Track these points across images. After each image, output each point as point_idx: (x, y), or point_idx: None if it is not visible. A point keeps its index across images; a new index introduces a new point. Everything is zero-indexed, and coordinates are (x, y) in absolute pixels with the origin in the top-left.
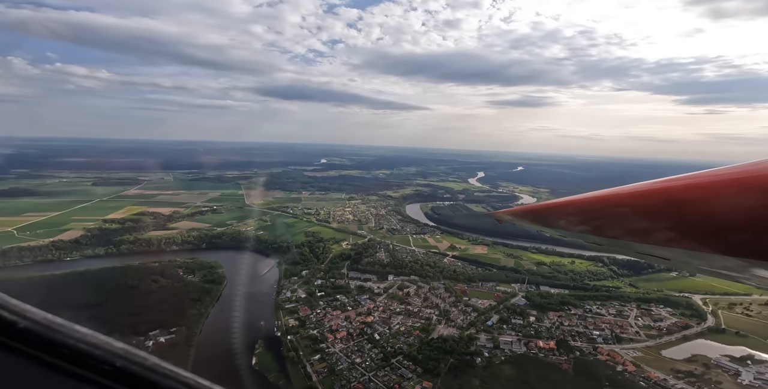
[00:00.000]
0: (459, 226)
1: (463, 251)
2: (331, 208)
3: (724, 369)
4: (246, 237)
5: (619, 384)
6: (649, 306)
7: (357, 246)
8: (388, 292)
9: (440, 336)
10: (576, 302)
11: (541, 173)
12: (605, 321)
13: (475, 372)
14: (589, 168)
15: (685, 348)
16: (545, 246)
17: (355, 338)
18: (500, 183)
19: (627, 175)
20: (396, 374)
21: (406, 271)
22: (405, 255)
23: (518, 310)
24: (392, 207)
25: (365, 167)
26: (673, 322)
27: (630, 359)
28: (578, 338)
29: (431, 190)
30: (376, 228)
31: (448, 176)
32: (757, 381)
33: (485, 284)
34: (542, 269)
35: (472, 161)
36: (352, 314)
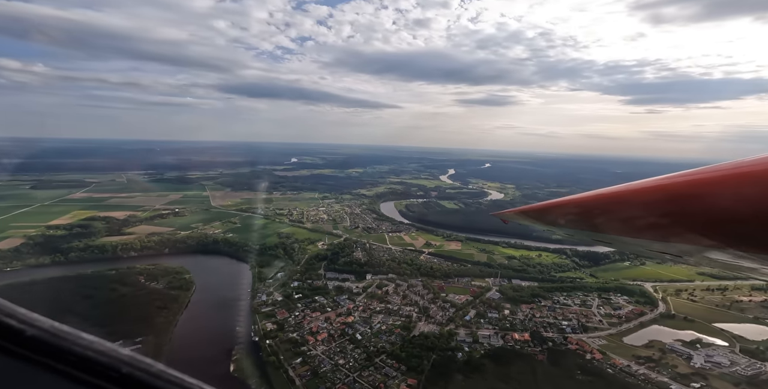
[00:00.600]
0: (433, 223)
1: (439, 247)
2: (304, 208)
3: (678, 354)
4: (214, 240)
5: (590, 372)
6: (608, 294)
7: (333, 246)
8: (367, 291)
9: (421, 333)
10: (545, 294)
11: (506, 169)
12: (572, 311)
13: (457, 367)
14: (549, 165)
15: (643, 334)
16: (514, 240)
17: (336, 339)
18: (470, 180)
19: (581, 171)
20: (380, 373)
21: (384, 269)
22: (382, 254)
23: (493, 304)
24: (367, 206)
25: (338, 166)
26: (630, 310)
27: (596, 347)
28: (549, 329)
29: (404, 188)
30: (351, 227)
31: (421, 173)
32: (707, 364)
33: (461, 279)
34: (513, 262)
35: (442, 158)
36: (332, 315)
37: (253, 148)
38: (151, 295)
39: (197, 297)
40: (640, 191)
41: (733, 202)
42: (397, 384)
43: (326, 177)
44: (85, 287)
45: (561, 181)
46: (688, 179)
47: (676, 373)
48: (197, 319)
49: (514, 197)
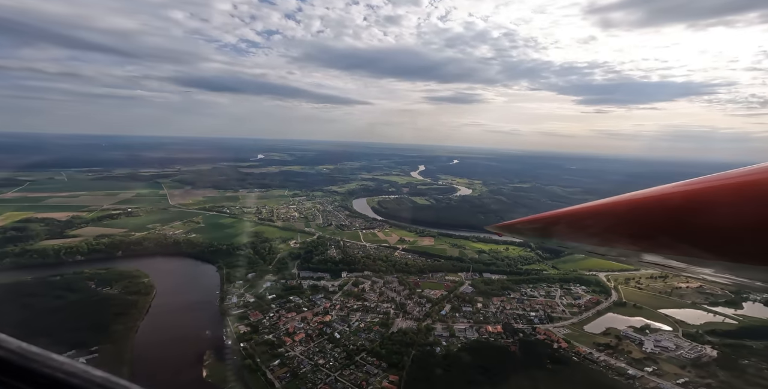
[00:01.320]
0: (406, 219)
1: (412, 243)
2: (274, 206)
3: (631, 340)
4: (175, 241)
5: (558, 361)
6: (568, 285)
7: (306, 244)
8: (343, 289)
9: (400, 329)
10: (514, 286)
11: (473, 165)
12: (538, 302)
13: (437, 361)
14: (512, 161)
15: (600, 322)
16: (483, 235)
17: (315, 339)
18: (440, 176)
19: (540, 167)
20: (361, 371)
21: (359, 267)
22: (357, 251)
23: (467, 298)
24: (339, 203)
25: (308, 163)
26: (588, 299)
27: (562, 336)
28: (519, 320)
29: (376, 184)
30: (324, 225)
31: (392, 170)
32: (656, 349)
33: (435, 274)
34: (483, 257)
35: (413, 154)
36: (309, 314)
37: (215, 144)
38: (106, 301)
39: (159, 301)
40: (630, 203)
41: (730, 215)
42: (378, 381)
43: (296, 174)
44: (25, 295)
45: (523, 177)
46: (686, 189)
47: (631, 359)
48: (161, 325)
49: (481, 192)
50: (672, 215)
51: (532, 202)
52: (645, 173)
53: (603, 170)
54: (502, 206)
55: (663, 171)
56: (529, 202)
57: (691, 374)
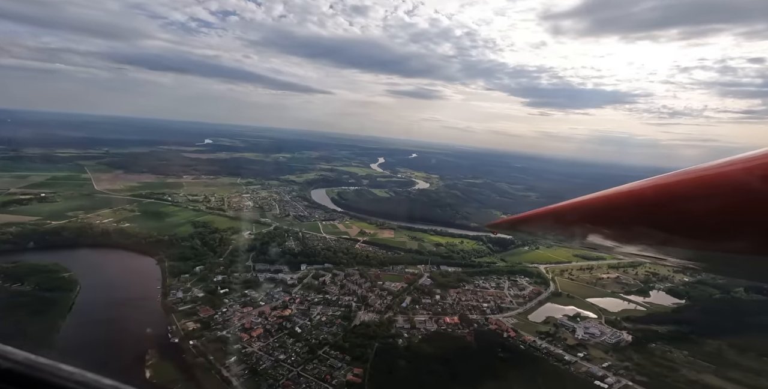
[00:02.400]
0: (366, 211)
1: (373, 236)
2: (225, 194)
3: (566, 328)
4: (104, 231)
5: (508, 350)
6: (515, 277)
7: (262, 236)
8: (303, 282)
9: (362, 322)
10: (468, 278)
11: (431, 160)
12: (490, 293)
13: (399, 353)
14: (466, 157)
15: (541, 311)
16: (439, 228)
17: (274, 334)
18: (399, 169)
19: (491, 164)
20: (325, 365)
21: (319, 259)
22: (316, 243)
23: (426, 290)
24: (297, 193)
25: (263, 150)
26: (531, 290)
27: (510, 326)
28: (473, 311)
29: (336, 175)
30: (281, 215)
31: (351, 161)
32: (586, 335)
33: (396, 267)
34: (440, 249)
35: (372, 146)
36: (267, 309)
37: (153, 125)
38: (17, 299)
39: (85, 298)
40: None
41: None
42: (343, 374)
43: (250, 161)
44: None
45: (475, 172)
46: (682, 178)
47: (567, 345)
48: (90, 324)
49: (438, 186)
50: (669, 206)
51: (484, 197)
52: (576, 173)
53: (543, 169)
54: (456, 201)
55: (589, 173)
56: (481, 197)
57: (612, 358)
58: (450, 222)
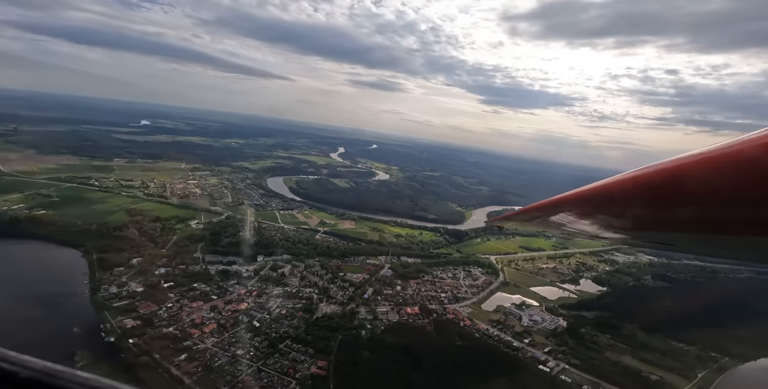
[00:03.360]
0: (326, 201)
1: (333, 226)
2: (166, 180)
3: (514, 315)
4: (12, 219)
5: (465, 338)
6: (469, 267)
7: (212, 225)
8: (261, 274)
9: (324, 314)
10: (427, 269)
11: (391, 151)
12: (447, 284)
13: (363, 344)
14: (425, 150)
15: (492, 300)
16: (399, 220)
17: (229, 329)
18: (359, 159)
19: (447, 158)
20: (287, 359)
21: (278, 250)
22: (274, 233)
23: (387, 281)
24: (252, 180)
25: (212, 135)
26: (483, 280)
27: (466, 315)
28: (432, 301)
29: (294, 163)
30: (234, 204)
31: (311, 149)
32: (530, 322)
33: (357, 258)
34: (400, 240)
35: (332, 136)
36: (220, 303)
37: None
38: None
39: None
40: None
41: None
42: (306, 367)
43: (196, 146)
44: None
45: (433, 165)
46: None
47: (515, 332)
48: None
49: (398, 178)
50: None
51: (441, 190)
52: (522, 169)
53: (493, 164)
54: (416, 193)
55: (533, 170)
56: (438, 190)
57: (552, 343)
58: (409, 214)
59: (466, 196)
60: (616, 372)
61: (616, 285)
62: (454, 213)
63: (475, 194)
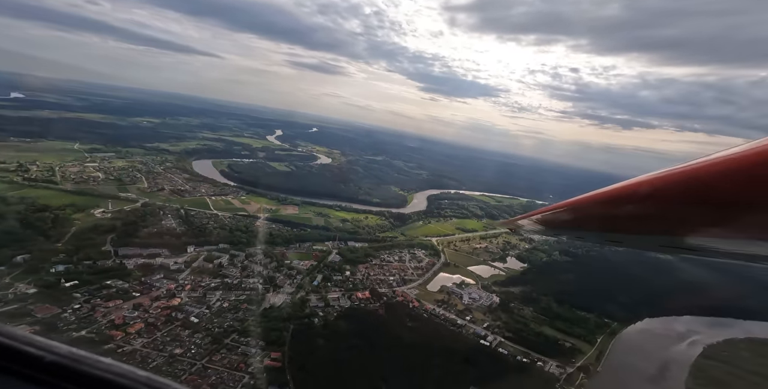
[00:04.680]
0: (265, 185)
1: (275, 212)
2: (55, 162)
3: (456, 295)
4: None
5: (415, 319)
6: (414, 250)
7: (125, 214)
8: (193, 267)
9: (273, 304)
10: (374, 253)
11: (332, 135)
12: (394, 267)
13: (317, 332)
14: (366, 134)
15: (436, 281)
16: (344, 204)
17: (161, 327)
18: (299, 142)
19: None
20: (236, 353)
21: (212, 240)
22: (206, 221)
23: (336, 266)
24: (173, 163)
25: (114, 112)
26: (427, 262)
27: (414, 296)
28: (382, 285)
29: (225, 145)
30: (152, 190)
31: (244, 131)
32: (470, 300)
33: (302, 244)
34: (347, 225)
35: (268, 117)
36: (145, 300)
37: None
38: None
39: None
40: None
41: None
42: (259, 360)
43: (94, 124)
44: None
45: (375, 150)
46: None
47: (458, 311)
48: None
49: (340, 162)
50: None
51: (383, 174)
52: (456, 155)
53: (431, 150)
54: (359, 177)
55: (466, 156)
56: (381, 174)
57: (489, 318)
58: (354, 198)
59: (407, 180)
60: (539, 342)
61: (534, 261)
62: (397, 197)
63: (416, 178)
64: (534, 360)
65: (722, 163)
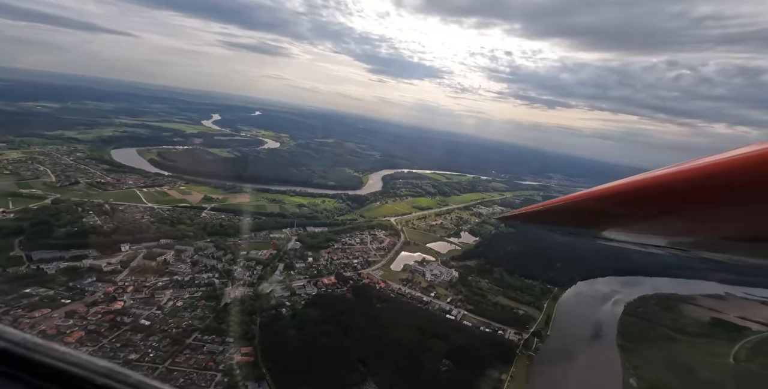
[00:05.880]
0: (207, 174)
1: (222, 202)
2: None
3: (419, 272)
4: None
5: (383, 300)
6: (374, 231)
7: (32, 213)
8: (132, 266)
9: (234, 298)
10: (335, 237)
11: (278, 118)
12: (357, 249)
13: (287, 322)
14: (314, 117)
15: (399, 260)
16: (299, 189)
17: (106, 334)
18: (241, 127)
19: (338, 125)
20: (202, 353)
21: (150, 236)
22: (140, 216)
23: (297, 254)
24: (86, 153)
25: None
26: (388, 242)
27: (379, 278)
28: (346, 268)
29: (151, 132)
30: (61, 184)
31: (173, 116)
32: (432, 277)
33: (258, 233)
34: (303, 210)
35: (202, 101)
36: (79, 307)
37: None
38: None
39: None
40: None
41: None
42: (229, 357)
43: None
44: None
45: (325, 132)
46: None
47: (422, 288)
48: None
49: (290, 146)
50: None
51: (337, 156)
52: (405, 135)
53: (381, 130)
54: (311, 160)
55: (414, 135)
56: (334, 156)
57: (451, 293)
58: (309, 182)
59: (360, 161)
60: (496, 312)
61: (485, 235)
62: (352, 179)
63: (369, 159)
64: (495, 329)
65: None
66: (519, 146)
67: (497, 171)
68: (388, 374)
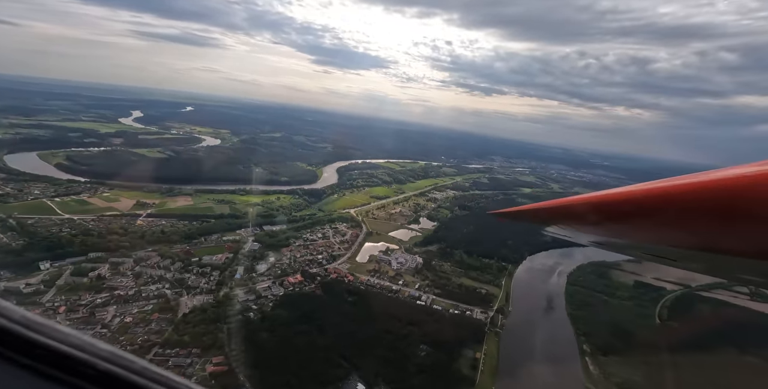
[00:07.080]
0: (135, 177)
1: (160, 206)
2: None
3: (384, 262)
4: None
5: (353, 293)
6: (335, 224)
7: None
8: (58, 284)
9: (193, 307)
10: (296, 234)
11: (215, 113)
12: (320, 244)
13: (257, 326)
14: (257, 111)
15: (364, 252)
16: (249, 187)
17: None
18: (171, 124)
19: (284, 118)
20: (167, 367)
21: (75, 250)
22: (56, 229)
23: (257, 255)
24: None
25: None
26: (351, 234)
27: (347, 271)
28: (312, 265)
29: (52, 133)
30: None
31: (79, 114)
32: (398, 265)
33: (209, 238)
34: (257, 209)
35: (116, 97)
36: None
37: None
38: None
39: None
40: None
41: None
42: (200, 369)
43: None
44: None
45: (271, 126)
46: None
47: (390, 277)
48: None
49: (233, 142)
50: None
51: (287, 151)
52: (354, 125)
53: (330, 122)
54: (259, 156)
55: (363, 125)
56: (283, 151)
57: (418, 279)
58: (260, 179)
59: (312, 154)
60: (462, 293)
61: (442, 219)
62: (306, 173)
63: (321, 151)
64: (463, 310)
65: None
66: (463, 131)
67: (446, 156)
68: (371, 366)
